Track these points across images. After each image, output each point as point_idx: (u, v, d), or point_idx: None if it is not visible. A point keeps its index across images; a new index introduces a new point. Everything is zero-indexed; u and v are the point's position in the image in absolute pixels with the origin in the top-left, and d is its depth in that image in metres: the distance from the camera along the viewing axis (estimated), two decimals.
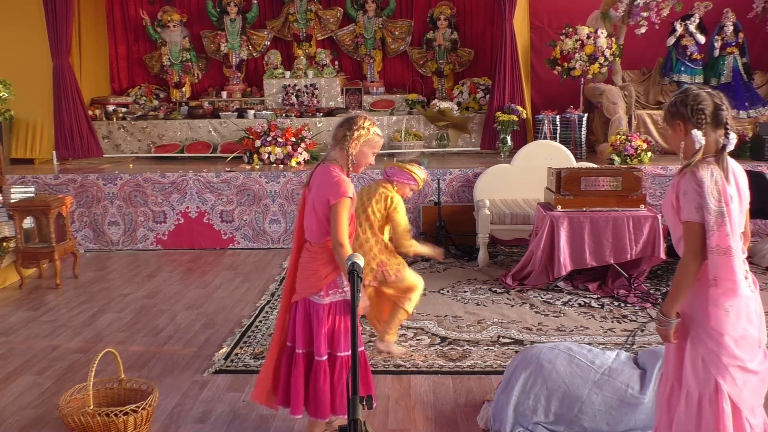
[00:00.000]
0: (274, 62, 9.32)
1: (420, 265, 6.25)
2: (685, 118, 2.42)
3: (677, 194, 2.42)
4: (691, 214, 2.35)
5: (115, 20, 9.67)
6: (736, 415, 2.38)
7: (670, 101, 2.51)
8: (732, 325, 2.38)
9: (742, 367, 2.39)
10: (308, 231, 3.11)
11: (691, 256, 2.37)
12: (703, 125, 2.38)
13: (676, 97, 2.47)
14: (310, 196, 3.09)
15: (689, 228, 2.37)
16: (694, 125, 2.39)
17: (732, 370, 2.37)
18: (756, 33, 8.47)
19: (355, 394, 1.83)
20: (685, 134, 2.42)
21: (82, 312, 5.21)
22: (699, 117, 2.39)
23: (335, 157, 3.08)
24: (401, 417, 3.47)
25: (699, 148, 2.38)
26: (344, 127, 3.09)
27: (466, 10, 9.39)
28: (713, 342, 2.38)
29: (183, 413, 3.55)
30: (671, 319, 2.43)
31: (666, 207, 2.52)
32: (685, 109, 2.42)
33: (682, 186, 2.39)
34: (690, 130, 2.40)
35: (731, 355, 2.37)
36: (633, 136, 7.23)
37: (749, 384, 2.40)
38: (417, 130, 8.43)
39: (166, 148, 8.42)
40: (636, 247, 5.18)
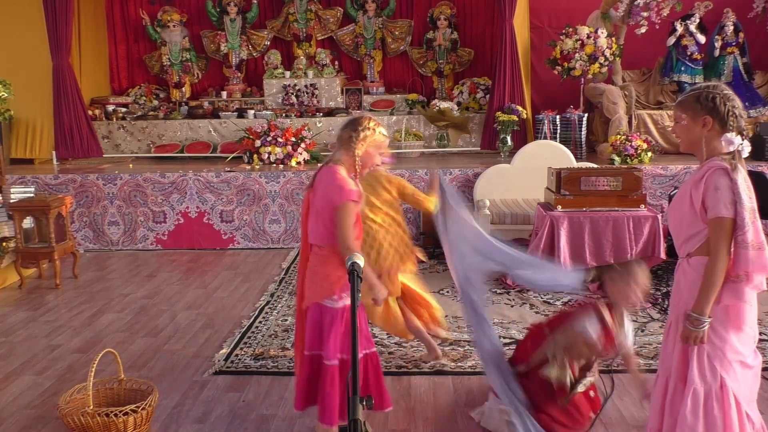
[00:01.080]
0: (274, 62, 9.32)
1: (420, 266, 6.24)
2: (716, 115, 2.40)
3: (705, 191, 2.38)
4: (725, 209, 2.33)
5: (115, 20, 9.67)
6: (738, 411, 2.41)
7: (699, 93, 2.45)
8: (753, 317, 2.42)
9: (743, 362, 2.42)
10: (313, 234, 3.07)
11: (724, 252, 2.35)
12: (733, 128, 2.40)
13: (709, 93, 2.43)
14: (314, 198, 3.05)
15: (721, 224, 2.34)
16: (725, 126, 2.40)
17: (735, 366, 2.40)
18: (756, 33, 8.47)
19: (355, 394, 1.83)
20: (709, 130, 2.42)
21: (82, 312, 5.21)
22: (731, 120, 2.40)
23: (340, 159, 3.06)
24: (401, 417, 3.47)
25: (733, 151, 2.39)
26: (349, 129, 3.08)
27: (466, 10, 9.39)
28: (719, 338, 2.40)
29: (183, 413, 3.55)
30: (706, 319, 2.39)
31: (680, 204, 2.49)
32: (721, 108, 2.40)
33: (713, 182, 2.36)
34: (717, 128, 2.40)
35: (735, 350, 2.40)
36: (633, 136, 7.22)
37: (746, 379, 2.44)
38: (417, 130, 8.42)
39: (166, 148, 8.42)
40: (636, 247, 5.17)
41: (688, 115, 2.47)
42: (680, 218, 2.50)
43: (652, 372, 3.87)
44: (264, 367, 4.09)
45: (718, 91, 2.43)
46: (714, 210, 2.35)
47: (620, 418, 3.40)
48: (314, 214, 3.04)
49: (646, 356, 4.11)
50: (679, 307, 2.53)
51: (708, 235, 2.39)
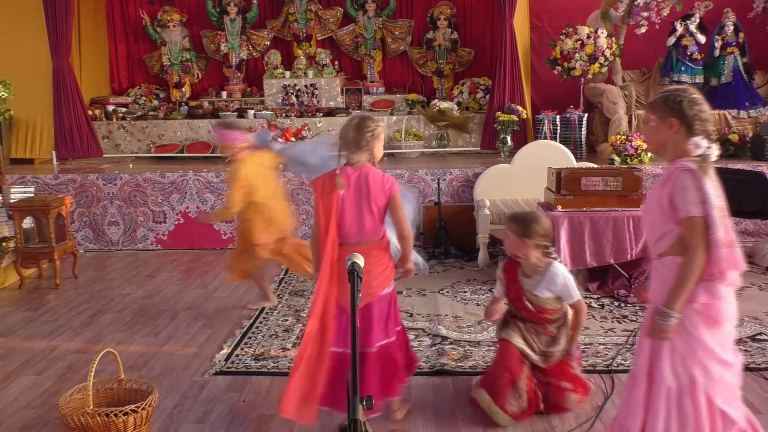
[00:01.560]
0: (274, 62, 9.32)
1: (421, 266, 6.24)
2: (683, 119, 2.45)
3: (672, 191, 2.41)
4: (695, 208, 2.36)
5: (115, 20, 9.66)
6: (710, 408, 2.44)
7: (667, 96, 2.50)
8: (732, 315, 2.45)
9: (719, 359, 2.44)
10: (361, 232, 3.21)
11: (700, 250, 2.36)
12: (700, 132, 2.46)
13: (677, 96, 2.47)
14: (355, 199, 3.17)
15: (693, 223, 2.36)
16: (691, 130, 2.45)
17: (709, 364, 2.42)
18: (756, 33, 8.47)
19: (355, 394, 1.83)
20: (676, 132, 2.46)
21: (82, 312, 5.20)
22: (698, 123, 2.45)
23: (364, 159, 3.23)
24: (400, 419, 3.46)
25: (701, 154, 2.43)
26: (363, 131, 3.20)
27: (466, 10, 9.39)
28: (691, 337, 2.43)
29: (183, 413, 3.54)
30: (675, 314, 2.42)
31: (650, 206, 2.53)
32: (688, 112, 2.44)
33: (680, 182, 2.40)
34: (684, 131, 2.44)
35: (707, 348, 2.43)
36: (633, 136, 7.22)
37: (723, 377, 2.46)
38: (417, 130, 8.42)
39: (166, 148, 8.42)
40: (636, 247, 5.17)
41: (656, 117, 2.51)
42: (651, 219, 2.54)
43: None
44: (264, 367, 4.09)
45: (686, 94, 2.47)
46: (684, 210, 2.38)
47: None
48: (366, 212, 3.17)
49: None
50: (653, 303, 2.56)
51: (683, 236, 2.41)
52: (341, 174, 3.20)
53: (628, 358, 4.08)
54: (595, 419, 3.36)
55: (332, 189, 3.19)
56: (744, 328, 4.54)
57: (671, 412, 2.46)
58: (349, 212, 3.19)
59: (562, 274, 3.35)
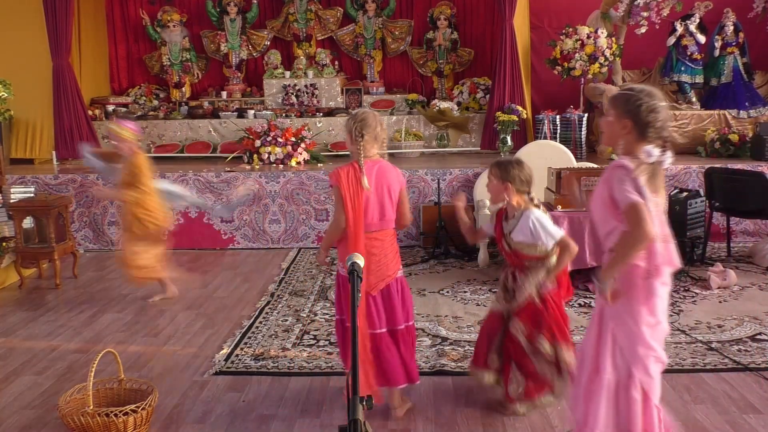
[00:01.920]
0: (274, 62, 9.32)
1: (420, 266, 6.25)
2: (637, 123, 2.48)
3: (611, 186, 2.47)
4: (634, 196, 2.39)
5: (115, 20, 9.66)
6: (646, 404, 2.50)
7: (630, 96, 2.51)
8: (664, 311, 2.54)
9: (656, 357, 2.50)
10: (382, 221, 3.40)
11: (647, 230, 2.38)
12: (653, 139, 2.48)
13: (638, 99, 2.48)
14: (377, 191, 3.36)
15: (636, 208, 2.39)
16: (644, 135, 2.48)
17: (647, 361, 2.48)
18: (756, 33, 8.47)
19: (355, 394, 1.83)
20: (628, 133, 2.51)
21: (82, 312, 5.21)
22: (651, 131, 2.47)
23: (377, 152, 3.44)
24: (401, 417, 3.46)
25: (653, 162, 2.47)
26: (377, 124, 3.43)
27: (466, 10, 9.38)
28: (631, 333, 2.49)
29: (183, 413, 3.55)
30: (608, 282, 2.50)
31: (596, 204, 2.59)
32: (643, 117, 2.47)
33: (616, 177, 2.45)
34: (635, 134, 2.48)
35: (647, 345, 2.48)
36: None
37: (658, 373, 2.54)
38: (417, 130, 8.42)
39: (166, 148, 8.42)
40: None
41: (614, 113, 2.55)
42: (597, 216, 2.61)
43: None
44: (264, 367, 4.09)
45: (646, 100, 2.48)
46: (625, 200, 2.41)
47: None
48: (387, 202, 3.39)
49: None
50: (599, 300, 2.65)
51: (628, 224, 2.43)
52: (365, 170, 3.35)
53: None
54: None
55: (358, 183, 3.33)
56: (744, 328, 4.55)
57: (609, 405, 2.52)
58: (372, 204, 3.36)
59: (533, 219, 3.37)
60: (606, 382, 2.52)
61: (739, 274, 5.58)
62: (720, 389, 3.68)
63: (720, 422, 3.34)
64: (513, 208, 3.47)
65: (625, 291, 2.50)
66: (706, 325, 4.62)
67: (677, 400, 3.56)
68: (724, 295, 5.22)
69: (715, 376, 3.83)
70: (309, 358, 4.20)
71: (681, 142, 7.97)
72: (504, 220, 3.52)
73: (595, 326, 2.62)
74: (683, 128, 7.97)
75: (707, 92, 8.39)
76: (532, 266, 3.43)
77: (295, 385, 3.84)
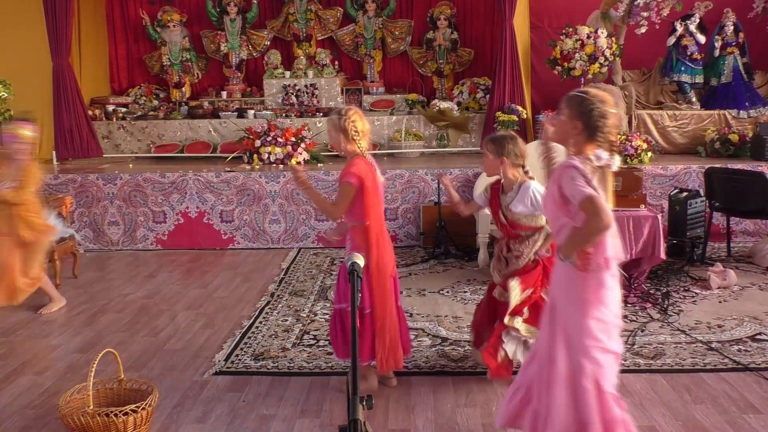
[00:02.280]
0: (274, 62, 9.32)
1: (420, 266, 6.25)
2: (587, 126, 2.59)
3: (561, 184, 2.55)
4: (587, 189, 2.47)
5: (115, 20, 9.66)
6: (599, 393, 2.58)
7: (583, 98, 2.64)
8: (615, 303, 2.61)
9: (603, 348, 2.58)
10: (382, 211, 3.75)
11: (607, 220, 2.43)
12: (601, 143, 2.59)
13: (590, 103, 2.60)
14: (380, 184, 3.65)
15: (592, 199, 2.44)
16: (592, 138, 2.59)
17: (594, 352, 2.57)
18: (756, 33, 8.47)
19: (355, 395, 1.83)
20: (578, 134, 2.61)
21: (82, 312, 5.21)
22: (599, 135, 2.58)
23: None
24: (401, 417, 3.47)
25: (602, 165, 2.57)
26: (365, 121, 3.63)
27: (466, 10, 9.39)
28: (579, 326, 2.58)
29: (183, 413, 3.55)
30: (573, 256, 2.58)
31: (547, 202, 2.70)
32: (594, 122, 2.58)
33: (567, 174, 2.54)
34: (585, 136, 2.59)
35: (594, 337, 2.57)
36: (633, 136, 7.22)
37: (609, 362, 2.60)
38: (417, 130, 8.42)
39: (166, 148, 8.42)
40: (636, 247, 5.17)
41: (567, 113, 2.66)
42: (549, 213, 2.73)
43: (653, 372, 3.88)
44: (264, 367, 4.09)
45: (599, 105, 2.60)
46: (579, 194, 2.48)
47: None
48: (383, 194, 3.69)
49: (646, 356, 4.10)
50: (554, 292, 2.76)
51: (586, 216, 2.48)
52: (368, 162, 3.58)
53: (628, 358, 4.08)
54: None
55: (374, 178, 3.56)
56: (744, 328, 4.55)
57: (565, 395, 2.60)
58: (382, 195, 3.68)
59: (533, 190, 3.58)
60: (560, 373, 2.61)
61: (739, 274, 5.58)
62: (720, 389, 3.68)
63: (720, 422, 3.34)
64: (510, 181, 3.65)
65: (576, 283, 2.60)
66: (706, 325, 4.62)
67: (677, 400, 3.56)
68: (724, 295, 5.22)
69: (715, 376, 3.83)
70: (309, 358, 4.20)
71: (681, 142, 7.99)
72: (501, 194, 3.69)
73: (548, 318, 2.72)
74: (683, 128, 7.97)
75: (707, 92, 8.39)
76: (528, 236, 3.62)
77: (295, 385, 3.84)
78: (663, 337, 4.41)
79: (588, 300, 2.57)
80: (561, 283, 2.68)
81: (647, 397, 3.60)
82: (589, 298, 2.56)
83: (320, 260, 6.51)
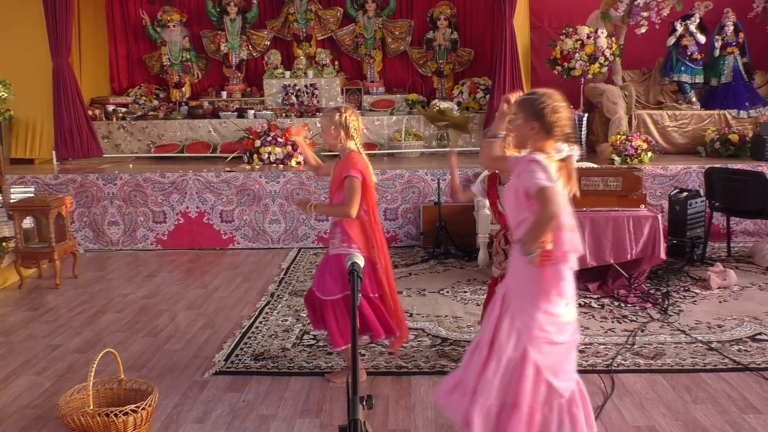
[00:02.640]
0: (274, 62, 9.32)
1: (420, 266, 6.25)
2: (543, 123, 2.68)
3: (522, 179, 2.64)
4: (544, 181, 2.56)
5: (115, 20, 9.67)
6: (537, 378, 2.68)
7: (534, 99, 2.73)
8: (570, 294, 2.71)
9: (548, 340, 2.68)
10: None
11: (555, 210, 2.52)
12: (559, 137, 2.70)
13: (542, 102, 2.70)
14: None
15: (545, 190, 2.53)
16: (550, 134, 2.69)
17: (540, 342, 2.68)
18: (756, 33, 8.47)
19: (355, 395, 1.83)
20: (536, 134, 2.70)
21: (82, 312, 5.20)
22: (556, 130, 2.69)
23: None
24: (401, 417, 3.47)
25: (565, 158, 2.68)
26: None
27: (466, 10, 9.39)
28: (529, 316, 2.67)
29: (183, 413, 3.55)
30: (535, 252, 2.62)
31: (509, 196, 2.80)
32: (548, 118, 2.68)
33: (526, 169, 2.63)
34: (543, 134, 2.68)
35: (541, 329, 2.67)
36: (633, 136, 7.22)
37: (555, 353, 2.70)
38: (417, 130, 8.43)
39: (166, 148, 8.42)
40: (636, 247, 5.17)
41: (522, 116, 2.77)
42: (510, 207, 2.82)
43: (653, 372, 3.88)
44: (264, 367, 4.08)
45: (549, 101, 2.71)
46: (535, 185, 2.56)
47: (620, 418, 3.40)
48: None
49: (646, 356, 4.10)
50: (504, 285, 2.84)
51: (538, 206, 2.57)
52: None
53: (628, 358, 4.08)
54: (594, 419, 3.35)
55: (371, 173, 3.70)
56: (744, 328, 4.55)
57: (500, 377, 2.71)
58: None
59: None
60: (496, 359, 2.72)
61: (739, 274, 5.58)
62: (720, 389, 3.68)
63: (720, 422, 3.34)
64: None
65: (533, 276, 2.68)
66: (706, 325, 4.62)
67: (677, 400, 3.56)
68: (724, 295, 5.22)
69: (715, 376, 3.83)
70: (309, 358, 4.20)
71: (681, 142, 7.99)
72: (498, 184, 3.72)
73: (498, 307, 2.79)
74: (683, 128, 7.97)
75: (707, 92, 8.39)
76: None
77: (295, 385, 3.84)
78: (663, 337, 4.41)
79: (542, 292, 2.65)
80: (518, 274, 2.76)
81: (647, 397, 3.60)
82: (544, 290, 2.65)
83: (320, 260, 6.49)
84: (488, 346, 2.77)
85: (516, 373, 2.69)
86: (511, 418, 2.69)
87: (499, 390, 2.72)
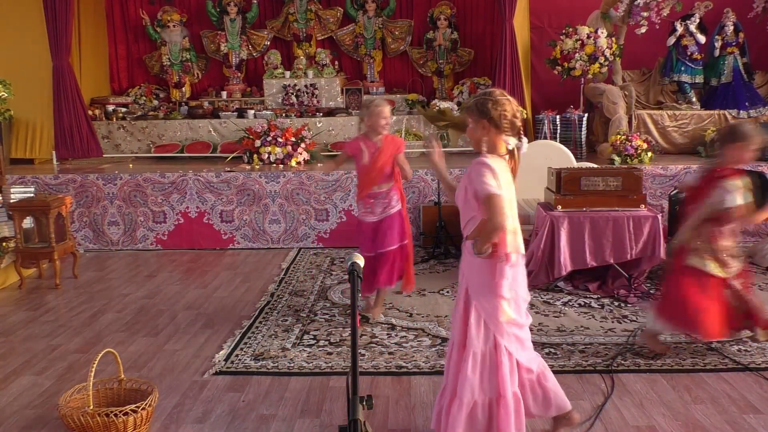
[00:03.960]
0: (274, 62, 9.32)
1: (420, 266, 6.25)
2: (490, 120, 2.80)
3: (470, 180, 2.79)
4: (491, 187, 2.70)
5: (115, 20, 9.67)
6: (510, 362, 2.87)
7: (477, 100, 2.85)
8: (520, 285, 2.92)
9: (515, 323, 2.88)
10: None
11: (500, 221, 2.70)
12: (508, 130, 2.83)
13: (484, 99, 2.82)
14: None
15: (493, 199, 2.70)
16: (499, 129, 2.81)
17: (507, 327, 2.85)
18: (756, 33, 8.47)
19: (355, 395, 1.83)
20: (487, 132, 2.83)
21: (82, 312, 5.20)
22: (504, 122, 2.81)
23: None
24: (401, 417, 3.47)
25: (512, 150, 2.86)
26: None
27: (466, 10, 9.39)
28: (491, 306, 2.84)
29: (183, 413, 3.55)
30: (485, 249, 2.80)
31: (459, 194, 2.91)
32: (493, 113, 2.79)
33: (475, 171, 2.76)
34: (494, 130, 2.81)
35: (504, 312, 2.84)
36: (633, 136, 7.22)
37: (519, 334, 2.91)
38: (417, 130, 8.42)
39: (166, 148, 8.42)
40: (636, 247, 5.17)
41: (472, 119, 2.88)
42: (460, 206, 2.93)
43: (653, 372, 3.88)
44: (264, 367, 4.08)
45: (491, 97, 2.82)
46: (483, 191, 2.72)
47: (620, 418, 3.40)
48: None
49: (646, 356, 4.10)
50: (463, 283, 3.01)
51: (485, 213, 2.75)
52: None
53: (628, 358, 4.08)
54: (594, 419, 3.36)
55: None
56: None
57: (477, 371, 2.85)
58: None
59: None
60: (471, 354, 2.85)
61: None
62: (720, 389, 3.68)
63: (720, 422, 3.34)
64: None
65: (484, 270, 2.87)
66: None
67: (677, 400, 3.56)
68: None
69: (715, 376, 3.83)
70: (309, 358, 4.20)
71: (681, 142, 7.99)
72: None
73: (462, 304, 2.94)
74: (683, 128, 7.97)
75: (707, 92, 8.40)
76: None
77: (295, 385, 3.84)
78: (663, 337, 4.41)
79: (497, 283, 2.83)
80: (472, 268, 2.93)
81: (647, 397, 3.60)
82: (497, 281, 2.83)
83: (320, 260, 6.51)
84: (461, 344, 2.91)
85: (493, 364, 2.85)
86: (500, 410, 2.83)
87: (482, 386, 2.86)
